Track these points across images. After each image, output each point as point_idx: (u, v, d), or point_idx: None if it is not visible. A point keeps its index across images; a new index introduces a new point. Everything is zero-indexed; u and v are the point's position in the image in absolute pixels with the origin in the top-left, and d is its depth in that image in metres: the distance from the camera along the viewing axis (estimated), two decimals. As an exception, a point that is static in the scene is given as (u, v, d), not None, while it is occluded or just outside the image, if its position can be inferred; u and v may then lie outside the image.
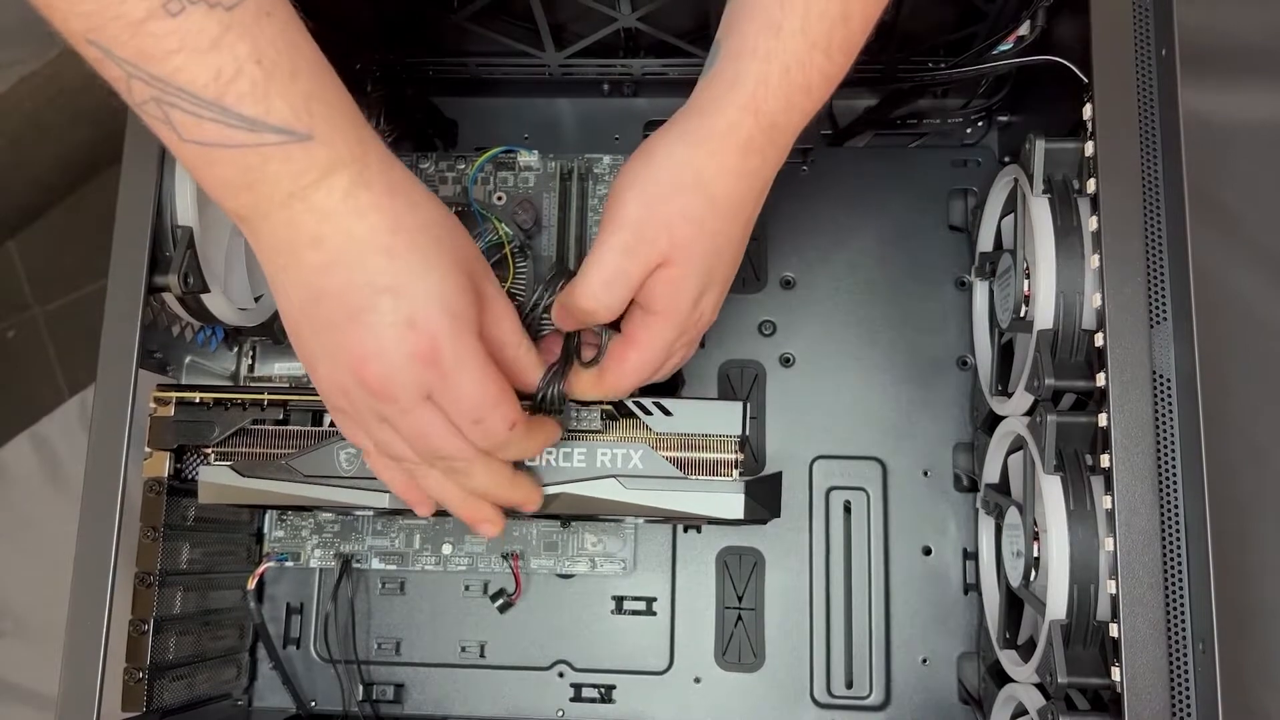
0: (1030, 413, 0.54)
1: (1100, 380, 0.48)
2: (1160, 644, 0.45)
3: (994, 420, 0.60)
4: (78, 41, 0.35)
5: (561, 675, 0.65)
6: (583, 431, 0.54)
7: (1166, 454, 0.48)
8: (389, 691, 0.65)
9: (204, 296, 0.54)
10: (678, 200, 0.43)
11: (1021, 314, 0.55)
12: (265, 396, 0.55)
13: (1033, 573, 0.52)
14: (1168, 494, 0.47)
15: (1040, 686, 0.52)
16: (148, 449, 0.54)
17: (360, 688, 0.65)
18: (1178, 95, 0.50)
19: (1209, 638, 0.45)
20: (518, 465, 0.49)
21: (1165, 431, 0.48)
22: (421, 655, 0.66)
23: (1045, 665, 0.49)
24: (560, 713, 0.65)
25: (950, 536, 0.65)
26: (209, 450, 0.55)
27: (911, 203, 0.69)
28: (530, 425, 0.45)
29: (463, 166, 0.68)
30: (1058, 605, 0.48)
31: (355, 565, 0.66)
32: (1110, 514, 0.47)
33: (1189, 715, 0.45)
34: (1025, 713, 0.53)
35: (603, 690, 0.65)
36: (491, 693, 0.65)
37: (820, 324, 0.68)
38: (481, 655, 0.66)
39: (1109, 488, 0.47)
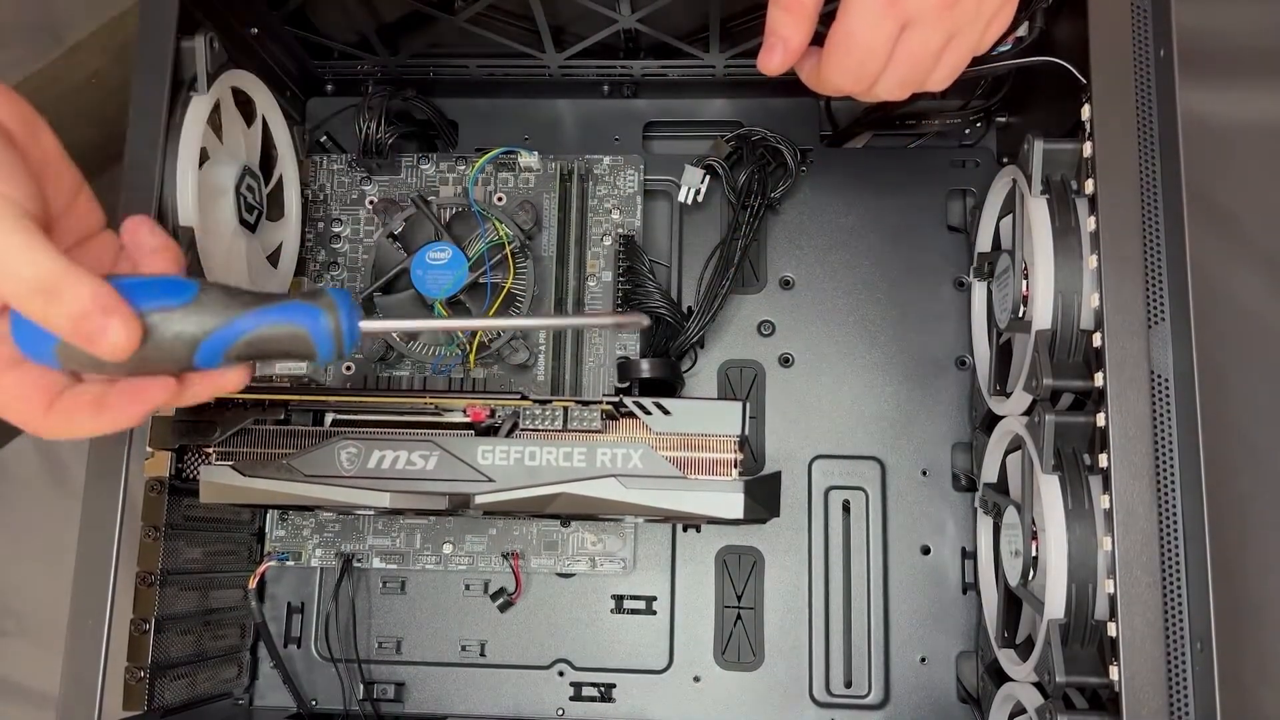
0: (1028, 412, 0.55)
1: (1098, 380, 0.49)
2: (1158, 643, 0.46)
3: (992, 420, 0.61)
4: None
5: (561, 674, 0.66)
6: (583, 431, 0.54)
7: (1164, 454, 0.48)
8: (390, 690, 0.66)
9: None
10: None
11: (1020, 314, 0.55)
12: (266, 397, 0.55)
13: (1031, 572, 0.52)
14: (1166, 493, 0.48)
15: (1038, 685, 0.52)
16: (149, 448, 0.55)
17: (361, 687, 0.65)
18: (1176, 96, 0.50)
19: (1207, 637, 0.45)
20: None
21: (1163, 431, 0.48)
22: (422, 654, 0.66)
23: (1043, 664, 0.49)
24: (560, 711, 0.65)
25: (949, 536, 0.65)
26: (210, 450, 0.55)
27: (910, 203, 0.69)
28: None
29: (463, 167, 0.68)
30: (1056, 604, 0.49)
31: (356, 564, 0.66)
32: (1108, 513, 0.47)
33: (1187, 714, 0.46)
34: (1023, 711, 0.53)
35: (602, 689, 0.65)
36: (492, 692, 0.66)
37: (819, 324, 0.68)
38: (482, 654, 0.66)
39: (1107, 487, 0.47)
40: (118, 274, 0.39)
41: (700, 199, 0.69)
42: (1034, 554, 0.52)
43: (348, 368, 0.67)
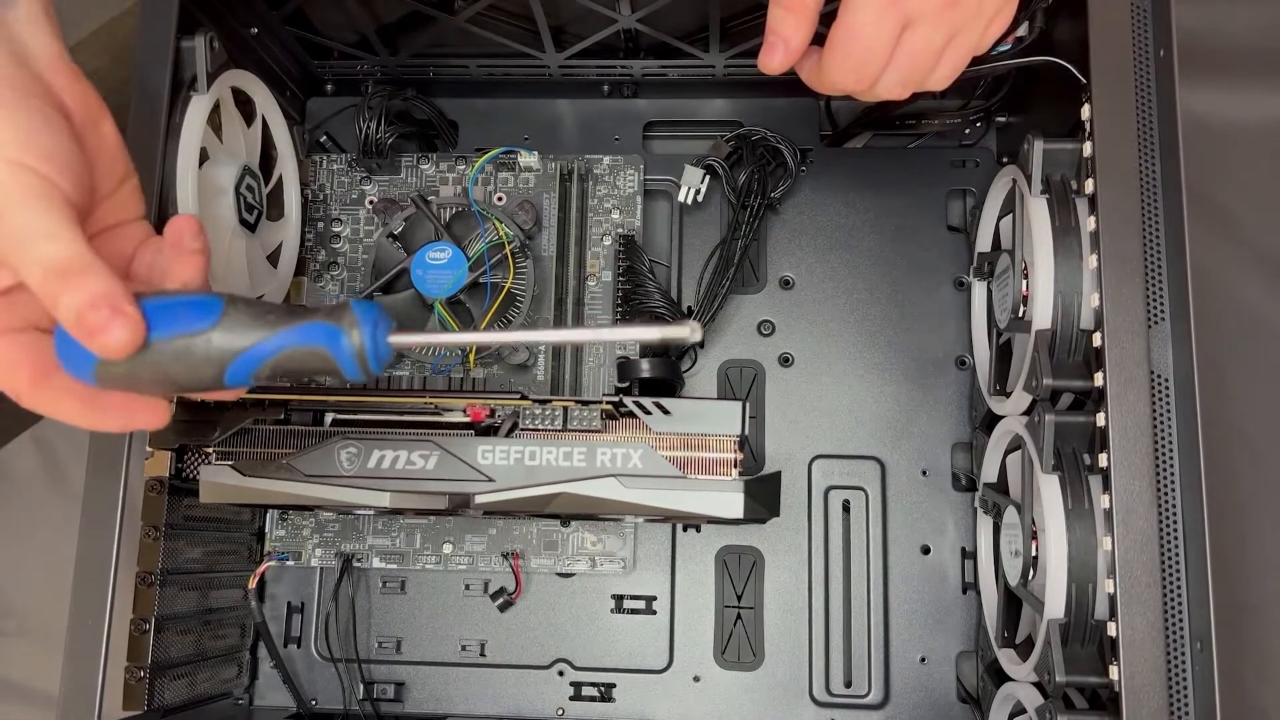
0: (1028, 412, 0.55)
1: (1098, 380, 0.49)
2: (1158, 643, 0.46)
3: (992, 420, 0.61)
4: None
5: (561, 674, 0.66)
6: (583, 431, 0.54)
7: (1164, 453, 0.48)
8: (389, 690, 0.66)
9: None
10: None
11: (1020, 314, 0.55)
12: (266, 396, 0.55)
13: (1031, 572, 0.52)
14: (1166, 493, 0.48)
15: (1038, 685, 0.52)
16: (149, 448, 0.55)
17: (361, 686, 0.65)
18: (1176, 96, 0.50)
19: (1207, 637, 0.45)
20: None
21: (1163, 431, 0.48)
22: (422, 654, 0.66)
23: (1043, 664, 0.49)
24: (560, 711, 0.65)
25: (949, 536, 0.65)
26: (210, 450, 0.55)
27: (910, 203, 0.69)
28: None
29: (463, 167, 0.68)
30: (1056, 604, 0.49)
31: (356, 564, 0.66)
32: (1108, 513, 0.47)
33: (1187, 714, 0.46)
34: (1023, 711, 0.53)
35: (602, 689, 0.65)
36: (492, 691, 0.66)
37: (819, 324, 0.68)
38: (482, 654, 0.66)
39: (1107, 487, 0.47)
40: (145, 293, 0.39)
41: (700, 199, 0.69)
42: (1034, 554, 0.52)
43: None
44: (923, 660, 0.64)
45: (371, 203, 0.68)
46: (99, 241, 0.42)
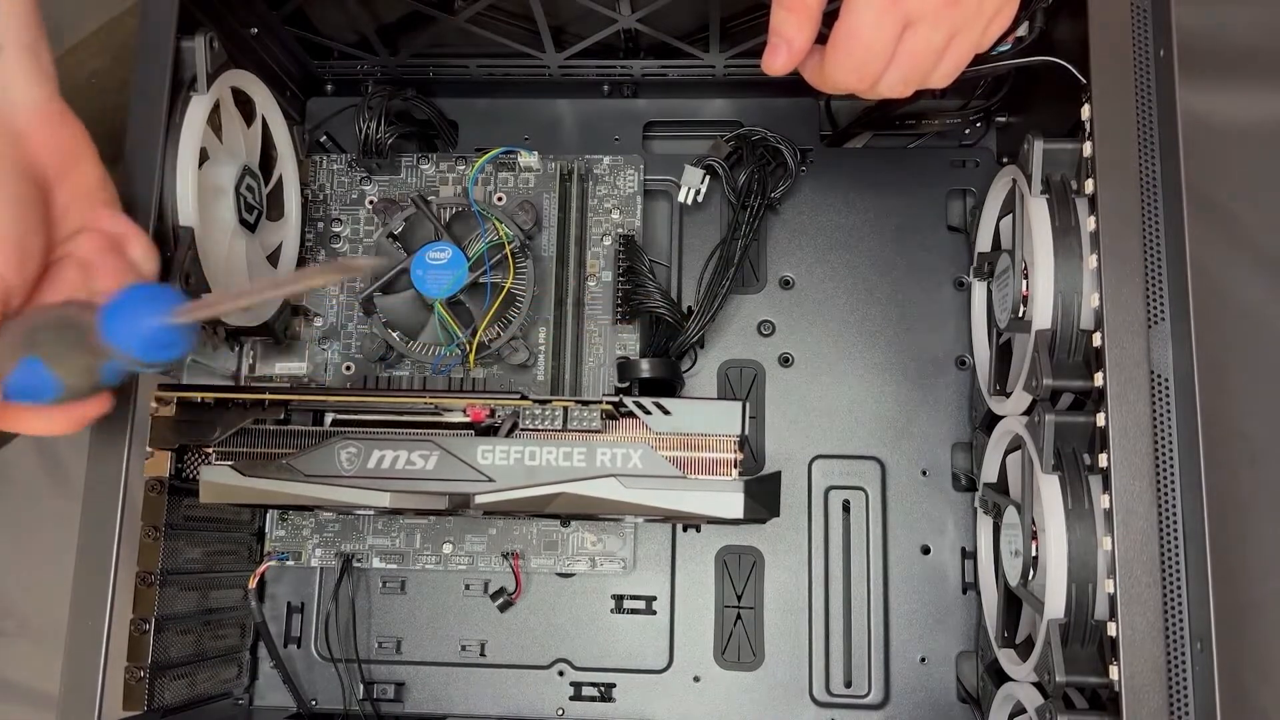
0: (1028, 412, 0.55)
1: (1098, 380, 0.49)
2: (1158, 643, 0.46)
3: (992, 420, 0.61)
4: None
5: (561, 674, 0.66)
6: (583, 431, 0.54)
7: (1164, 453, 0.48)
8: (390, 690, 0.66)
9: (205, 297, 0.54)
10: None
11: (1020, 314, 0.55)
12: (266, 396, 0.55)
13: (1031, 572, 0.52)
14: (1166, 493, 0.48)
15: (1038, 685, 0.52)
16: (149, 448, 0.55)
17: (361, 686, 0.65)
18: (1176, 96, 0.50)
19: (1207, 636, 0.45)
20: None
21: (1163, 431, 0.48)
22: (422, 654, 0.66)
23: (1043, 664, 0.49)
24: (560, 711, 0.65)
25: (949, 536, 0.65)
26: (210, 450, 0.55)
27: (910, 203, 0.69)
28: None
29: (463, 167, 0.68)
30: (1056, 604, 0.49)
31: (356, 564, 0.66)
32: (1108, 513, 0.47)
33: (1187, 714, 0.46)
34: (1023, 711, 0.53)
35: (602, 689, 0.65)
36: (492, 691, 0.66)
37: (819, 324, 0.68)
38: (482, 654, 0.66)
39: (1107, 487, 0.47)
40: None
41: (700, 199, 0.69)
42: (1034, 554, 0.52)
43: (348, 367, 0.67)
44: (923, 660, 0.64)
45: (371, 203, 0.68)
46: (66, 251, 0.44)
